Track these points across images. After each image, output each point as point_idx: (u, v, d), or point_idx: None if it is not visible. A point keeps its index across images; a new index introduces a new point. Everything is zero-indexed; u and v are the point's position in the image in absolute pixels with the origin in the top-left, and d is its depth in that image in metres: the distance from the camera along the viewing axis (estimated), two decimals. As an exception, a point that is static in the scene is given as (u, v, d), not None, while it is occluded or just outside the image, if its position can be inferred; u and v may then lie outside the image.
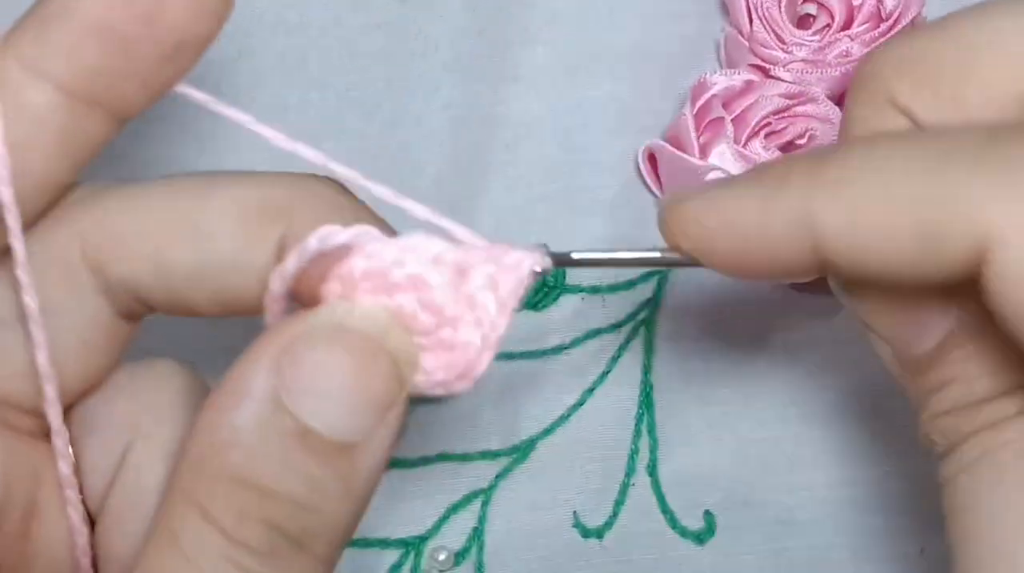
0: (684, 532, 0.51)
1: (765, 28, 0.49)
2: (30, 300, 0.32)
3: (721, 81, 0.50)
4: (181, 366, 0.37)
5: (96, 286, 0.34)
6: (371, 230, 0.31)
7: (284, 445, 0.30)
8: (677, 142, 0.50)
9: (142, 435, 0.35)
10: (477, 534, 0.51)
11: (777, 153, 0.50)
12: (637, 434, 0.51)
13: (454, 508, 0.51)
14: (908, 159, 0.29)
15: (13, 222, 0.31)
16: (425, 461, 0.51)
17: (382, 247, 0.31)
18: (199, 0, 0.32)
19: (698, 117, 0.50)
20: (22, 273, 0.31)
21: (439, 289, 0.31)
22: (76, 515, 0.35)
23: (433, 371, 0.31)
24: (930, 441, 0.35)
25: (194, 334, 0.43)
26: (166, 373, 0.36)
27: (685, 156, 0.49)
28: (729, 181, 0.33)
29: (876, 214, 0.29)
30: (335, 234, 0.31)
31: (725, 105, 0.50)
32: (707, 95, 0.49)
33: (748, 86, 0.50)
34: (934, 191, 0.29)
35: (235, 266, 0.33)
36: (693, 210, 0.32)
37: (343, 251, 0.31)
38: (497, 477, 0.51)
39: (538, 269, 0.32)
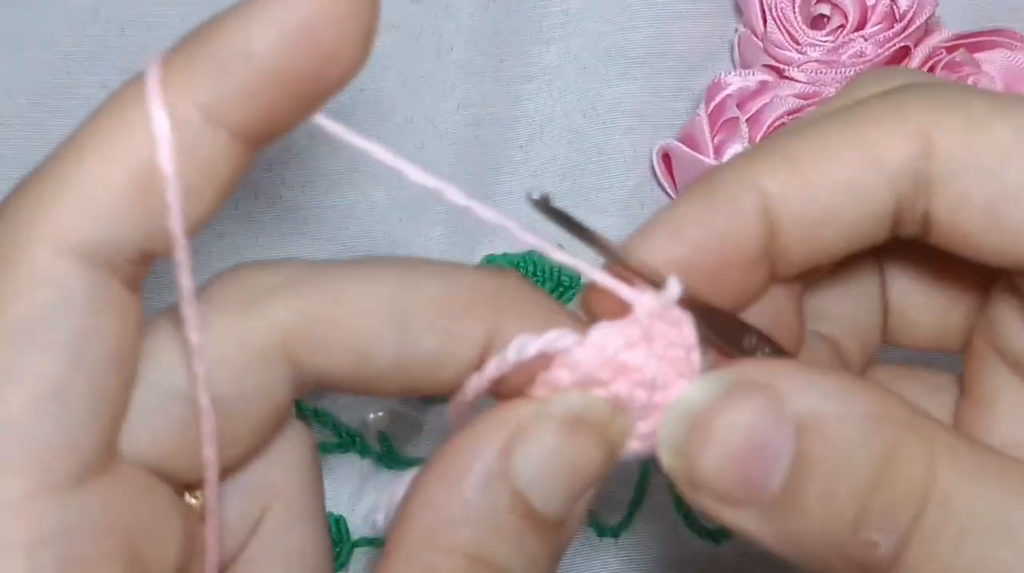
0: (700, 531, 0.51)
1: (779, 28, 0.49)
2: (203, 397, 0.30)
3: (736, 81, 0.50)
4: (306, 427, 0.36)
5: (288, 376, 0.32)
6: (564, 334, 0.32)
7: (513, 524, 0.31)
8: (691, 142, 0.50)
9: (281, 497, 0.35)
10: (492, 534, 0.51)
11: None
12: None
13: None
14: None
15: (191, 312, 0.30)
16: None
17: (582, 356, 0.32)
18: (367, 36, 0.31)
19: (712, 117, 0.50)
20: (198, 366, 0.30)
21: (646, 366, 0.32)
22: None
23: (648, 435, 0.33)
24: None
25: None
26: (297, 435, 0.35)
27: (700, 156, 0.50)
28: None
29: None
30: (530, 342, 0.32)
31: (739, 105, 0.50)
32: (721, 95, 0.50)
33: (762, 86, 0.50)
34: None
35: (437, 362, 0.32)
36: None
37: (542, 360, 0.33)
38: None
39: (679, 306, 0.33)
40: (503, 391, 0.33)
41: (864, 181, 0.32)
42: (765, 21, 0.50)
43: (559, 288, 0.51)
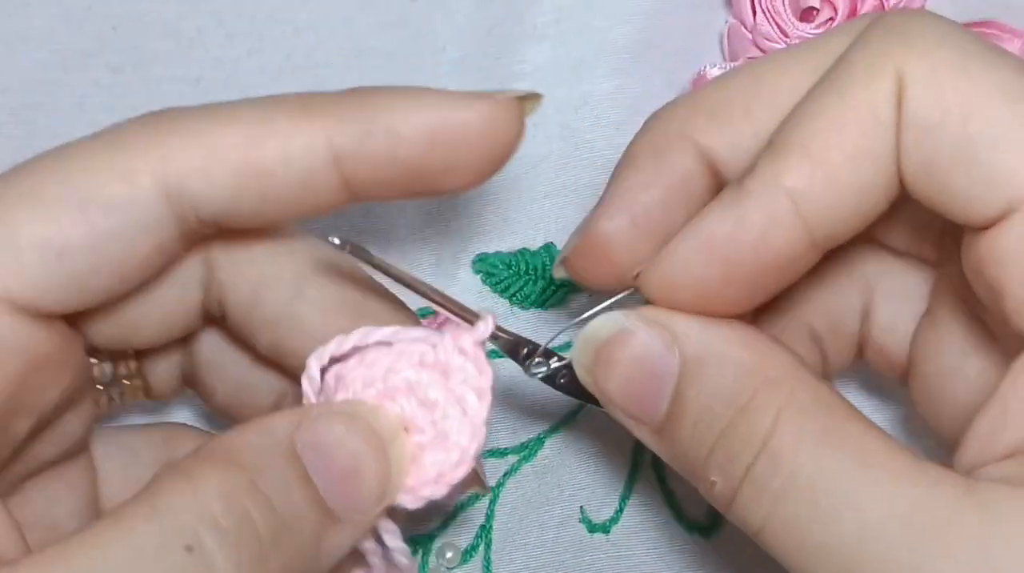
0: (691, 526, 0.51)
1: (768, 20, 0.50)
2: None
3: (719, 73, 0.50)
4: None
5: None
6: (370, 330, 0.37)
7: (285, 472, 0.34)
8: (680, 136, 0.50)
9: None
10: (484, 531, 0.51)
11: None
12: (644, 429, 0.51)
13: (461, 506, 0.51)
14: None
15: None
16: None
17: (376, 354, 0.37)
18: (495, 166, 0.38)
19: (700, 110, 0.50)
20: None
21: (432, 387, 0.36)
22: None
23: (428, 466, 0.36)
24: None
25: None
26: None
27: (688, 150, 0.50)
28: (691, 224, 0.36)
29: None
30: (372, 332, 0.37)
31: (727, 98, 0.50)
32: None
33: (750, 79, 0.50)
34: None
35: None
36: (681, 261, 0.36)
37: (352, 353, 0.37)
38: (505, 475, 0.51)
39: (483, 340, 0.37)
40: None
41: (873, 149, 0.33)
42: (755, 13, 0.50)
43: (551, 286, 0.51)
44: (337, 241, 0.35)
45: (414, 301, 0.39)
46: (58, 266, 0.34)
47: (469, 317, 0.37)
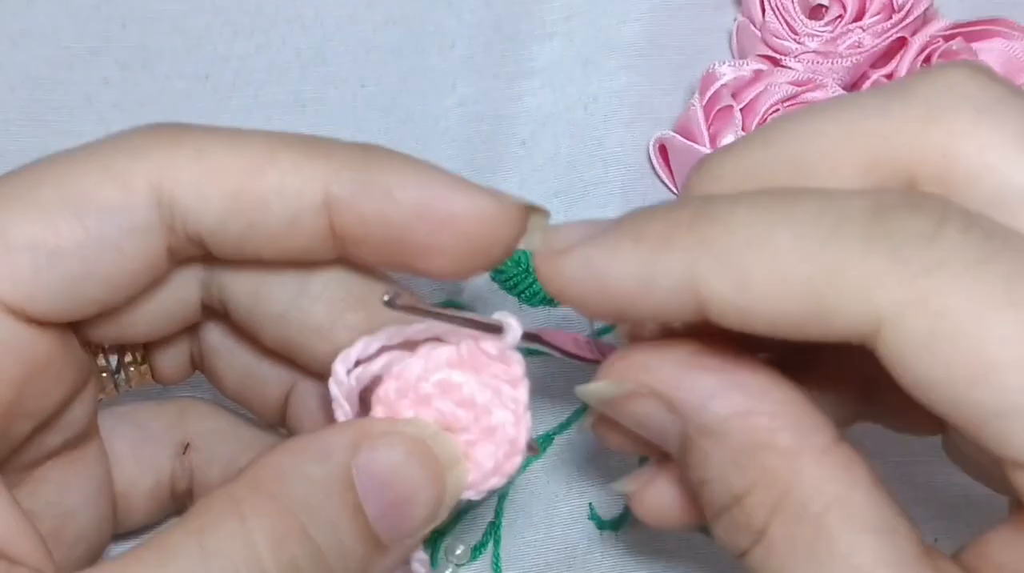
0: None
1: (777, 18, 0.50)
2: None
3: (729, 72, 0.50)
4: None
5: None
6: (398, 355, 0.37)
7: (337, 510, 0.33)
8: (687, 132, 0.50)
9: None
10: (494, 528, 0.51)
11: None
12: (653, 425, 0.51)
13: (470, 503, 0.51)
14: (796, 233, 0.29)
15: None
16: (443, 457, 0.51)
17: (405, 366, 0.36)
18: (482, 261, 0.36)
19: (707, 107, 0.50)
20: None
21: (467, 385, 0.36)
22: None
23: (484, 460, 0.36)
24: None
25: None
26: None
27: (695, 146, 0.50)
28: (605, 234, 0.32)
29: (765, 286, 0.29)
30: (373, 342, 0.37)
31: (735, 94, 0.50)
32: (716, 85, 0.50)
33: (757, 75, 0.50)
34: (823, 270, 0.29)
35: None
36: (568, 269, 0.32)
37: (375, 379, 0.37)
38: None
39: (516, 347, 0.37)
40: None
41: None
42: (764, 11, 0.50)
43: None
44: (387, 297, 0.34)
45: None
46: (49, 269, 0.33)
47: (495, 325, 0.37)
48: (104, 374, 0.41)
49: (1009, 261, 0.28)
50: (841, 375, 0.38)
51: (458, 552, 0.50)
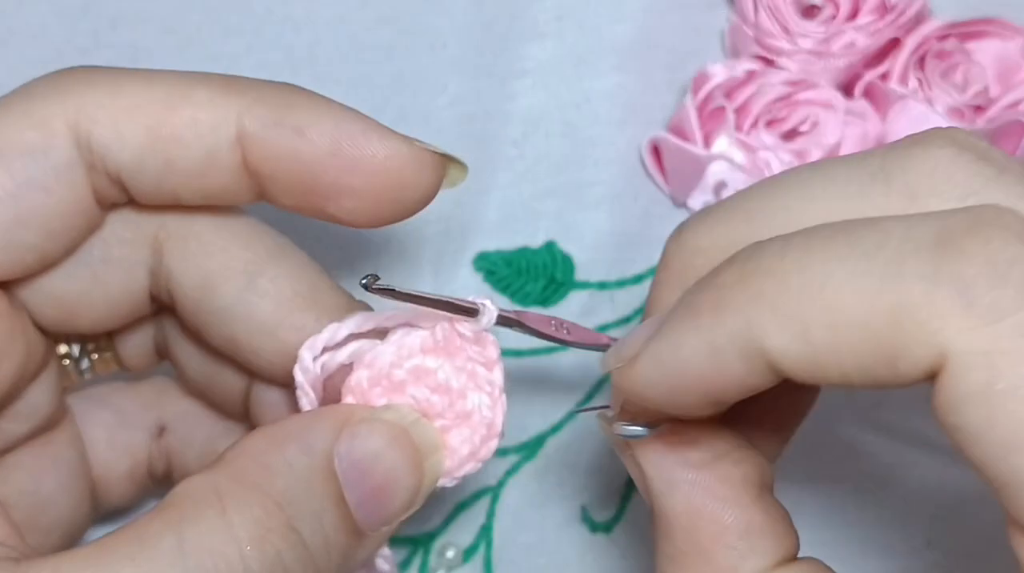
0: (693, 525, 0.51)
1: (771, 18, 0.50)
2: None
3: (722, 72, 0.50)
4: None
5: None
6: (367, 343, 0.37)
7: (321, 500, 0.33)
8: (680, 132, 0.50)
9: None
10: (485, 531, 0.51)
11: (779, 140, 0.50)
12: (645, 428, 0.51)
13: (462, 505, 0.51)
14: (853, 272, 0.28)
15: None
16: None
17: (377, 354, 0.36)
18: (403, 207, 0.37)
19: (700, 107, 0.50)
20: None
21: (441, 369, 0.36)
22: None
23: (459, 446, 0.36)
24: None
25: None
26: None
27: (688, 146, 0.50)
28: (664, 328, 0.31)
29: (827, 334, 0.28)
30: (340, 328, 0.36)
31: (728, 95, 0.50)
32: (709, 85, 0.50)
33: (750, 75, 0.50)
34: (885, 311, 0.27)
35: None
36: (643, 374, 0.31)
37: (345, 368, 0.37)
38: (507, 474, 0.51)
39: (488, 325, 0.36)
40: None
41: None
42: (756, 11, 0.50)
43: (552, 285, 0.51)
44: (364, 281, 0.34)
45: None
46: None
47: (471, 308, 0.36)
48: (67, 361, 0.41)
49: None
50: (764, 411, 0.38)
51: (450, 555, 0.50)
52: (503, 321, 0.36)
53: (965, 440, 0.27)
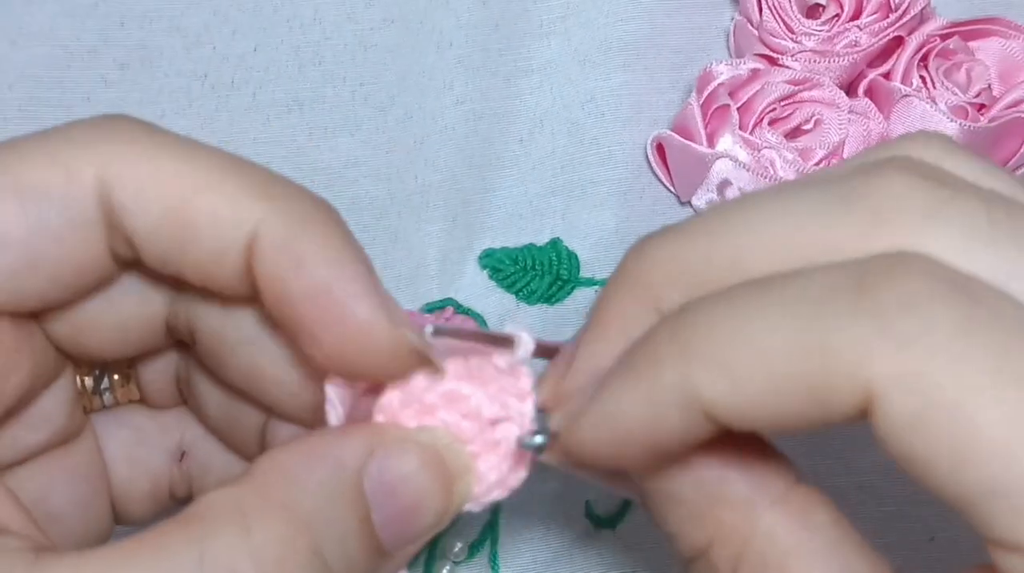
0: (697, 520, 0.51)
1: (774, 17, 0.50)
2: None
3: (726, 71, 0.50)
4: None
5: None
6: None
7: (348, 521, 0.33)
8: (685, 131, 0.51)
9: None
10: (491, 526, 0.51)
11: (782, 139, 0.50)
12: (650, 423, 0.51)
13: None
14: (778, 316, 0.28)
15: None
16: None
17: (412, 376, 0.35)
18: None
19: (704, 106, 0.50)
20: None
21: (474, 397, 0.35)
22: None
23: (487, 473, 0.35)
24: None
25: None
26: None
27: (692, 145, 0.50)
28: (604, 387, 0.32)
29: (756, 380, 0.28)
30: None
31: (732, 93, 0.50)
32: (713, 84, 0.50)
33: (754, 74, 0.50)
34: (809, 351, 0.28)
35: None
36: (588, 432, 0.32)
37: (376, 386, 0.36)
38: (512, 470, 0.51)
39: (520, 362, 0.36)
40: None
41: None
42: (761, 10, 0.50)
43: (558, 282, 0.51)
44: (430, 329, 0.34)
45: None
46: None
47: (507, 339, 0.36)
48: (88, 381, 0.40)
49: (995, 329, 0.27)
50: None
51: (456, 549, 0.51)
52: (540, 352, 0.37)
53: (914, 469, 0.27)
